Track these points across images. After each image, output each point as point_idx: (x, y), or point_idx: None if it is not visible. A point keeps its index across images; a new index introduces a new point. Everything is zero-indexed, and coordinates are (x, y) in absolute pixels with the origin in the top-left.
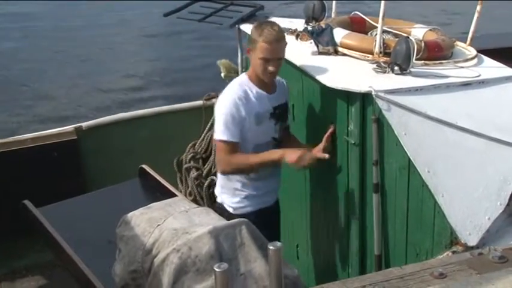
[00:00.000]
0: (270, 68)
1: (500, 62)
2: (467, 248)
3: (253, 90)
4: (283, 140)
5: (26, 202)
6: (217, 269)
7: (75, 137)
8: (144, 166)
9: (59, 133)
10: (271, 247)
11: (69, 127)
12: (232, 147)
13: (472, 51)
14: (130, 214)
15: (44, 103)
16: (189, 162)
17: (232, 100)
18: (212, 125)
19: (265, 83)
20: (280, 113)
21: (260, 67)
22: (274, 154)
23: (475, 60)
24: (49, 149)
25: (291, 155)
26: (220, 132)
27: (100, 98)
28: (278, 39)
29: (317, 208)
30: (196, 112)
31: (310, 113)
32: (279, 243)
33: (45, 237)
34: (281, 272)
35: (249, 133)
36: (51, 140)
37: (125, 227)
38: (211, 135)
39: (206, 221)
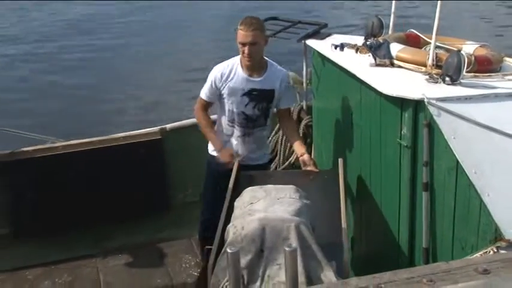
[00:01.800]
0: (246, 51)
1: None
2: (511, 244)
3: (237, 69)
4: (281, 124)
5: None
6: (229, 250)
7: (160, 137)
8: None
9: (146, 133)
10: (286, 248)
11: (155, 128)
12: (203, 103)
13: None
14: (249, 188)
15: (133, 105)
16: None
17: (216, 71)
18: (279, 128)
19: (249, 67)
20: (256, 95)
21: (239, 50)
22: (216, 143)
23: None
24: (138, 147)
25: (222, 154)
26: (202, 90)
27: (180, 102)
28: (253, 28)
29: (371, 204)
30: None
31: (367, 118)
32: (294, 245)
33: None
34: (296, 273)
35: (224, 100)
36: (140, 138)
37: (239, 196)
38: (276, 140)
39: (274, 209)
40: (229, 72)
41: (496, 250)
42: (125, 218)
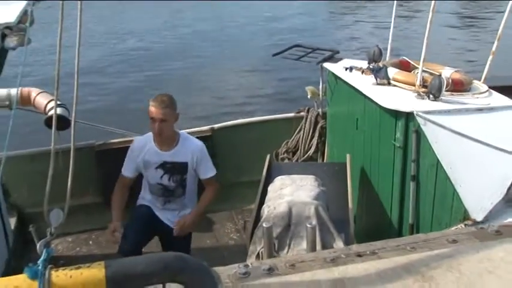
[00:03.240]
0: (156, 127)
1: (505, 95)
2: (475, 223)
3: (150, 143)
4: (205, 188)
5: None
6: (264, 225)
7: (210, 134)
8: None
9: (199, 130)
10: (308, 225)
11: (207, 127)
12: (122, 180)
13: (484, 87)
14: (279, 177)
15: (188, 105)
16: (283, 154)
17: (133, 145)
18: (300, 129)
19: (159, 141)
20: (170, 168)
21: (152, 127)
22: (113, 218)
23: (486, 94)
24: None
25: (109, 230)
26: (123, 166)
27: (227, 105)
28: (163, 106)
29: (371, 190)
30: (289, 120)
31: (369, 124)
32: (313, 223)
33: None
34: (315, 243)
35: (144, 174)
36: (195, 135)
37: (272, 183)
38: (298, 138)
39: (298, 193)
40: (143, 146)
41: (463, 226)
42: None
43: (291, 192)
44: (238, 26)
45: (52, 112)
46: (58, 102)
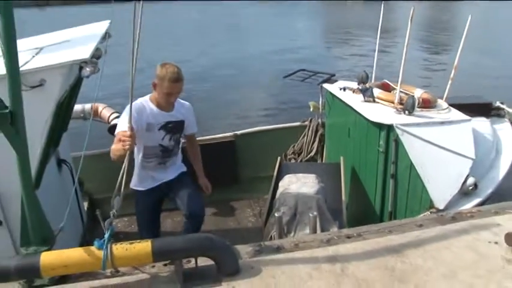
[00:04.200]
0: (172, 100)
1: (461, 111)
2: (438, 210)
3: (150, 106)
4: (187, 147)
5: None
6: (276, 214)
7: (234, 139)
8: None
9: (225, 136)
10: (310, 214)
11: (231, 133)
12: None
13: (446, 105)
14: (287, 175)
15: (215, 116)
16: (291, 155)
17: (133, 108)
18: (304, 135)
19: (162, 105)
20: (172, 127)
21: (164, 99)
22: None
23: (447, 110)
24: (219, 145)
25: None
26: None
27: (246, 116)
28: (179, 80)
29: (359, 185)
30: (295, 128)
31: (358, 133)
32: (315, 213)
33: None
34: (315, 229)
35: (140, 136)
36: (220, 140)
37: (282, 179)
38: (303, 142)
39: (303, 188)
40: (143, 109)
41: (429, 213)
42: (214, 186)
43: (297, 188)
44: (255, 54)
45: (114, 122)
46: (117, 114)
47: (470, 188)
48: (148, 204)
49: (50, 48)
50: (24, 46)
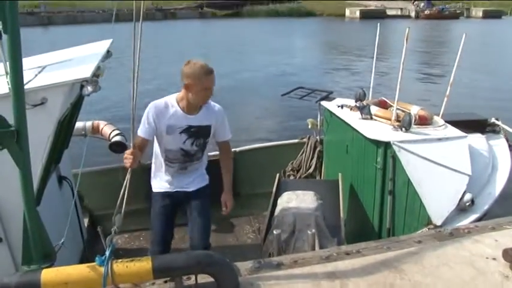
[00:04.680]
0: (210, 94)
1: (457, 128)
2: (436, 227)
3: (174, 107)
4: (220, 156)
5: None
6: (274, 232)
7: (233, 156)
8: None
9: None
10: (309, 232)
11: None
12: (139, 140)
13: (442, 122)
14: (286, 192)
15: None
16: (290, 171)
17: (153, 108)
18: (303, 152)
19: (189, 107)
20: (194, 132)
21: (201, 97)
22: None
23: (444, 127)
24: (218, 162)
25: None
26: (139, 128)
27: (246, 133)
28: (213, 73)
29: (358, 202)
30: (294, 145)
31: (356, 150)
32: (313, 230)
33: None
34: (314, 246)
35: (160, 138)
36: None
37: (280, 197)
38: (301, 159)
39: (301, 205)
40: (165, 110)
41: (427, 230)
42: (213, 203)
43: (296, 205)
44: (253, 72)
45: (115, 139)
46: (117, 132)
47: (467, 204)
48: (164, 207)
49: (52, 67)
50: (27, 65)
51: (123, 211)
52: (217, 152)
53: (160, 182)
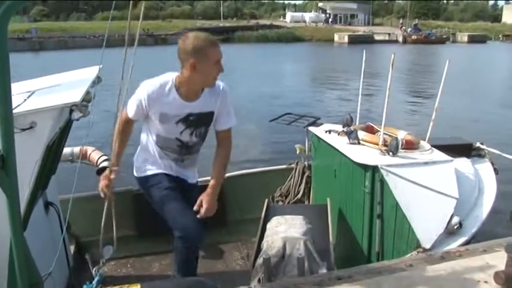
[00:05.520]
0: (221, 67)
1: (443, 152)
2: (425, 250)
3: (171, 93)
4: (217, 147)
5: None
6: (264, 256)
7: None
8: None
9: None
10: (298, 256)
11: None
12: (127, 118)
13: (428, 146)
14: (275, 217)
15: (204, 158)
16: (278, 197)
17: (146, 90)
18: (291, 178)
19: (191, 92)
20: (195, 120)
21: (215, 73)
22: (112, 160)
23: (430, 151)
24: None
25: (104, 175)
26: (129, 105)
27: (234, 159)
28: (217, 42)
29: (346, 226)
30: (282, 171)
31: (344, 174)
32: (302, 254)
33: None
34: (303, 271)
35: (153, 124)
36: (208, 182)
37: (269, 222)
38: (290, 184)
39: (290, 230)
40: (161, 95)
41: (417, 253)
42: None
43: (285, 229)
44: (241, 97)
45: (102, 164)
46: (105, 157)
47: (456, 227)
48: (170, 183)
49: (41, 91)
50: (17, 90)
51: (115, 245)
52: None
53: (155, 165)
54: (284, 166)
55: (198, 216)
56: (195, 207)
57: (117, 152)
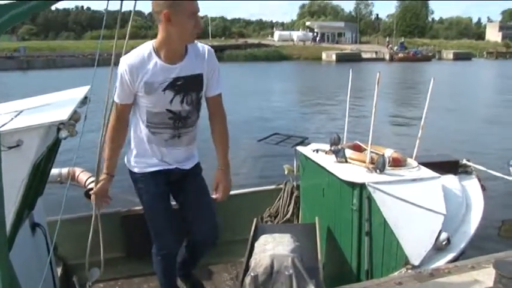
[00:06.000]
0: (199, 22)
1: (430, 169)
2: (414, 267)
3: (151, 58)
4: (211, 119)
5: None
6: (252, 274)
7: None
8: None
9: None
10: (286, 273)
11: None
12: (118, 107)
13: (415, 163)
14: (263, 235)
15: None
16: (267, 218)
17: (124, 66)
18: (280, 198)
19: (172, 52)
20: (184, 84)
21: (191, 25)
22: (105, 166)
23: (417, 168)
24: None
25: (98, 183)
26: (116, 92)
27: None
28: None
29: (335, 243)
30: (271, 191)
31: (333, 192)
32: (290, 271)
33: None
34: (292, 285)
35: (141, 103)
36: None
37: (257, 240)
38: (279, 205)
39: (278, 247)
40: (141, 63)
41: (406, 270)
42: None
43: (273, 247)
44: (231, 117)
45: (90, 186)
46: (93, 178)
47: (444, 243)
48: (158, 190)
49: (29, 111)
50: (4, 109)
51: (102, 267)
52: None
53: (146, 159)
54: (273, 186)
55: (218, 200)
56: (213, 196)
57: (110, 155)
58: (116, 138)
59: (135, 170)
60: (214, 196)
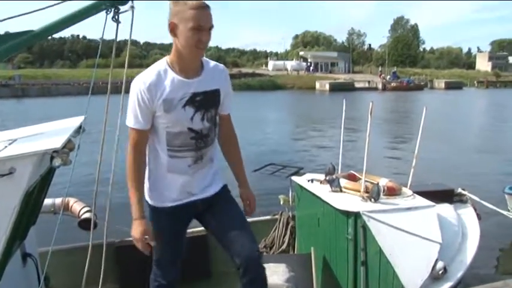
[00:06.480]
0: (204, 39)
1: (425, 198)
2: None
3: (169, 75)
4: (224, 132)
5: None
6: None
7: (205, 234)
8: None
9: (196, 231)
10: None
11: (202, 228)
12: (136, 135)
13: (410, 192)
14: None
15: None
16: (262, 248)
17: (140, 84)
18: (275, 229)
19: (186, 66)
20: (203, 100)
21: (192, 39)
22: (135, 211)
23: (412, 197)
24: (191, 240)
25: (135, 229)
26: (127, 119)
27: None
28: (208, 6)
29: (331, 273)
30: (267, 222)
31: (327, 222)
32: None
33: None
34: None
35: (159, 120)
36: (192, 234)
37: None
38: (274, 235)
39: (273, 277)
40: (158, 79)
41: None
42: (185, 281)
43: (268, 276)
44: None
45: (84, 216)
46: (87, 208)
47: (440, 272)
48: (171, 226)
49: (23, 139)
50: None
51: None
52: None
53: (164, 192)
54: (268, 217)
55: (248, 214)
56: (244, 210)
57: (138, 197)
58: (137, 175)
59: (152, 204)
60: (247, 209)
